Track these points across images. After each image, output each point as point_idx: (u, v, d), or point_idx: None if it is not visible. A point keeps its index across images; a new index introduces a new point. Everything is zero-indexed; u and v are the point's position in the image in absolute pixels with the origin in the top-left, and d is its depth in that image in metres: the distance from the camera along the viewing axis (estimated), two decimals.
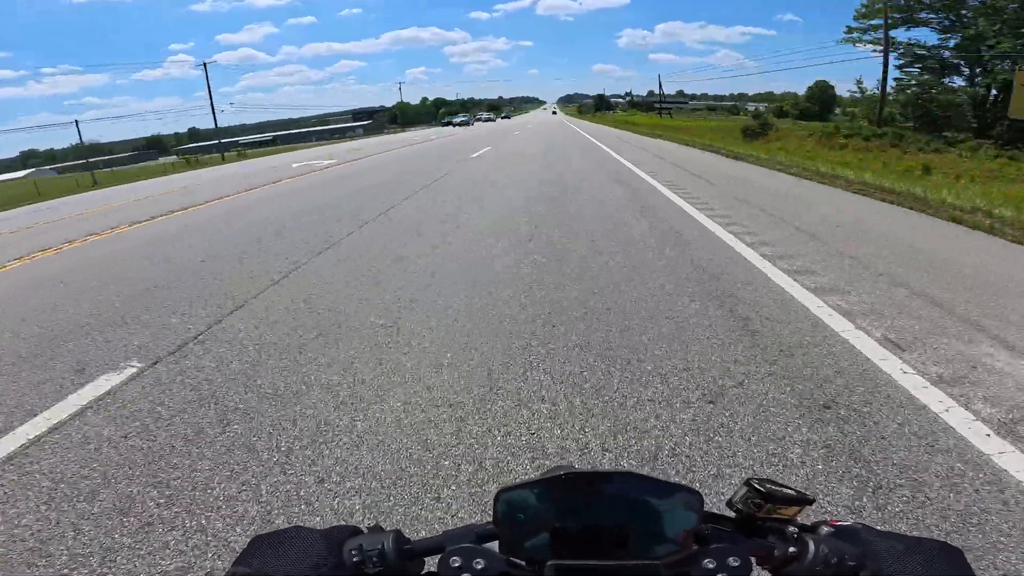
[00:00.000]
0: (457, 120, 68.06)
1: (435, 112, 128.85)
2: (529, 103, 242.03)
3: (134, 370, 2.93)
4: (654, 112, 68.64)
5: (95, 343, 3.41)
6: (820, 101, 53.87)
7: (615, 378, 2.49)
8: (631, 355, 2.70)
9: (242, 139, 79.15)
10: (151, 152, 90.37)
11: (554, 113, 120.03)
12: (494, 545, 0.45)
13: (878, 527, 0.48)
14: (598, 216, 6.20)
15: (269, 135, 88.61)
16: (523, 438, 2.09)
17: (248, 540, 0.47)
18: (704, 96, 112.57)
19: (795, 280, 3.69)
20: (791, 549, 0.45)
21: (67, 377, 2.94)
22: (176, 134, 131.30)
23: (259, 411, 2.40)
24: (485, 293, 3.78)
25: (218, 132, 45.45)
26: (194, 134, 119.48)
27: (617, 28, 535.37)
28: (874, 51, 25.63)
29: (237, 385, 2.66)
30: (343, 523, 0.76)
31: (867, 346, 2.69)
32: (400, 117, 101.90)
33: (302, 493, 1.85)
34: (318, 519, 1.73)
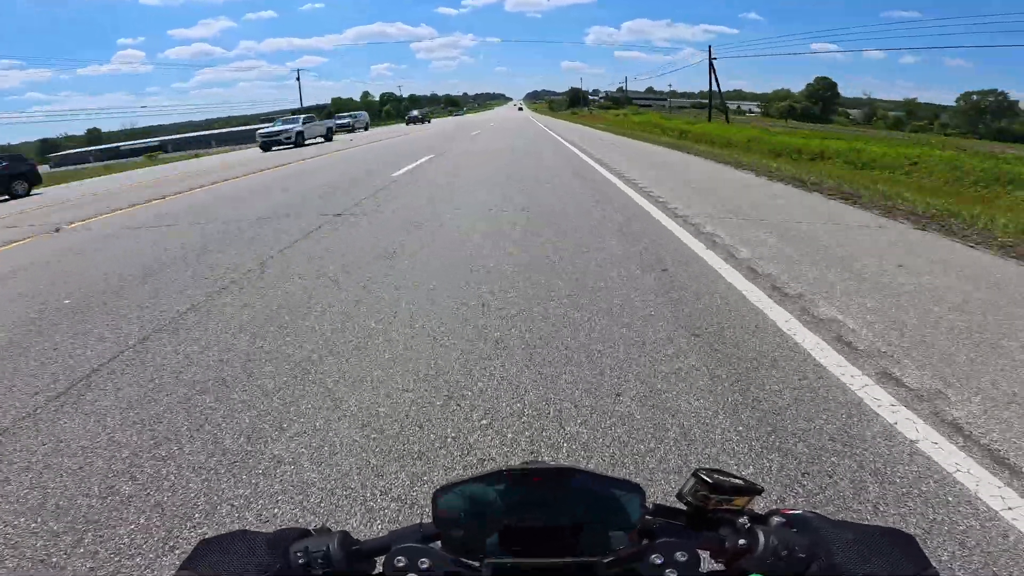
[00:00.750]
0: (414, 115, 56.79)
1: (379, 107, 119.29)
2: (494, 99, 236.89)
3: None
4: (632, 107, 61.67)
5: None
6: (821, 100, 51.34)
7: None
8: None
9: (126, 145, 60.33)
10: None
11: (520, 109, 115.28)
12: (439, 544, 0.44)
13: (826, 513, 0.48)
14: None
15: (160, 139, 64.91)
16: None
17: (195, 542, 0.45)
18: (674, 93, 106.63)
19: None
20: (741, 541, 0.44)
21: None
22: (66, 136, 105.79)
23: None
24: None
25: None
26: (93, 137, 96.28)
27: (585, 25, 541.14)
28: None
29: None
30: (291, 525, 0.74)
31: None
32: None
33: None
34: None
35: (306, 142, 25.34)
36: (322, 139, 27.47)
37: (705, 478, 0.46)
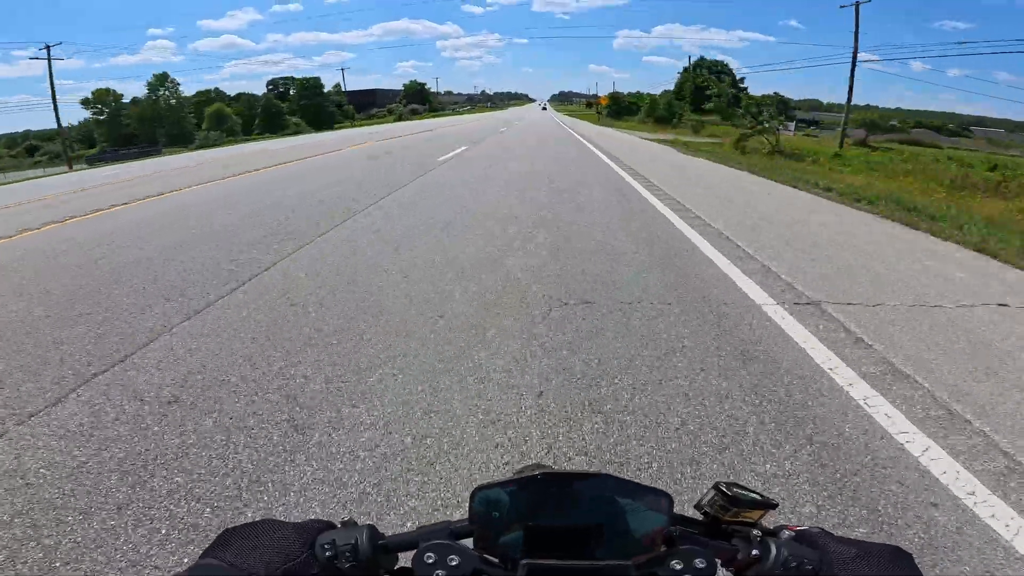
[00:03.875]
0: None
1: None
2: (515, 99, 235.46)
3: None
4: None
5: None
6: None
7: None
8: None
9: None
10: None
11: (543, 108, 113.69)
12: (469, 543, 0.45)
13: (835, 532, 0.49)
14: None
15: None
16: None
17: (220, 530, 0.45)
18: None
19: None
20: (754, 552, 0.46)
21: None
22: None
23: None
24: None
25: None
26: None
27: (613, 28, 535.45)
28: None
29: None
30: (317, 517, 0.69)
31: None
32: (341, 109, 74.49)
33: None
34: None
35: None
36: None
37: (725, 491, 0.49)
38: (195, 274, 4.50)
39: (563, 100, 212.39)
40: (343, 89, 77.93)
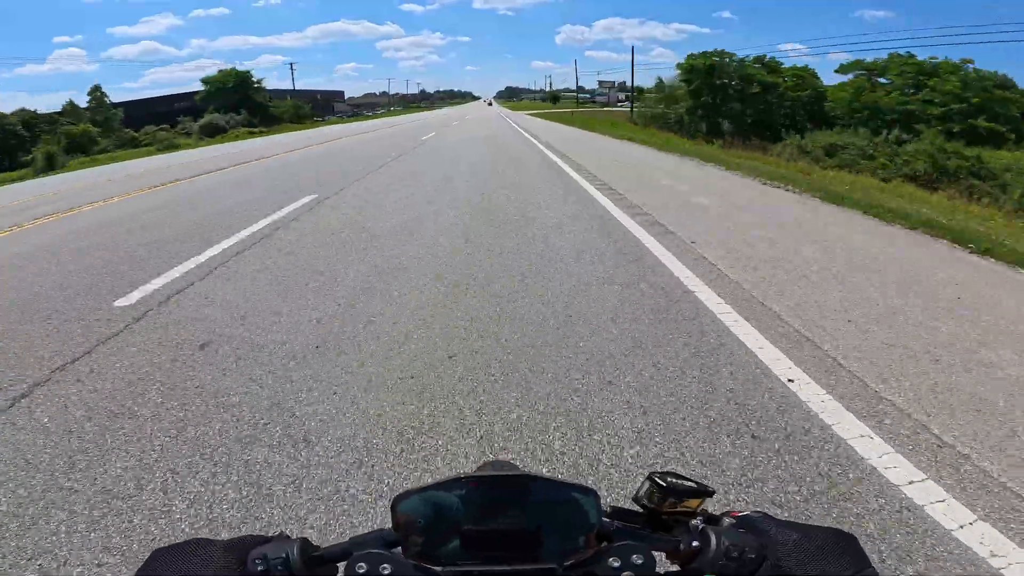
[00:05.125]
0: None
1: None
2: (458, 97, 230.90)
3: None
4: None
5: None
6: None
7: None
8: None
9: None
10: None
11: (489, 104, 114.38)
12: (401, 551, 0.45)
13: (778, 516, 0.49)
14: None
15: None
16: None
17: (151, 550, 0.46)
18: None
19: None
20: (695, 543, 0.46)
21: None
22: None
23: None
24: None
25: None
26: None
27: (556, 24, 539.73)
28: None
29: None
30: (249, 533, 0.61)
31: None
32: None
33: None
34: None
35: None
36: None
37: (659, 481, 0.48)
38: None
39: (510, 96, 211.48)
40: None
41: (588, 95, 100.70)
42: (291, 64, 75.90)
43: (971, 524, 1.67)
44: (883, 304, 3.35)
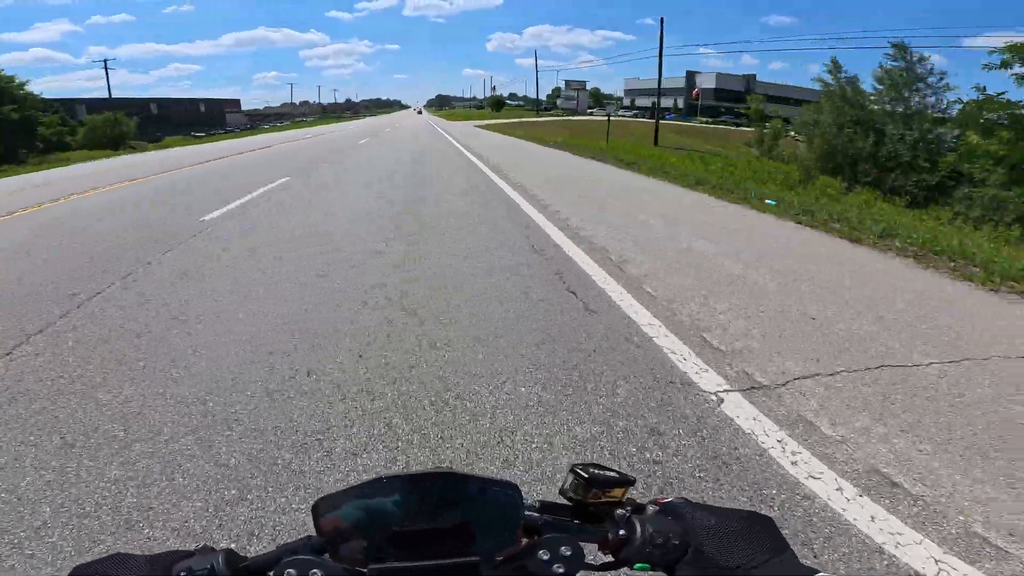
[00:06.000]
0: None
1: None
2: (384, 107, 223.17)
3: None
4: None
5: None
6: None
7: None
8: None
9: None
10: None
11: (419, 113, 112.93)
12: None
13: (701, 500, 0.53)
14: None
15: None
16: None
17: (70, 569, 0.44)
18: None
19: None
20: (621, 532, 0.47)
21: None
22: None
23: None
24: None
25: None
26: None
27: (487, 31, 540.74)
28: None
29: None
30: (173, 548, 0.65)
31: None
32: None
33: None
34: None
35: None
36: None
37: (582, 473, 0.49)
38: None
39: (441, 105, 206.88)
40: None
41: (543, 102, 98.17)
42: (105, 61, 62.16)
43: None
44: None
